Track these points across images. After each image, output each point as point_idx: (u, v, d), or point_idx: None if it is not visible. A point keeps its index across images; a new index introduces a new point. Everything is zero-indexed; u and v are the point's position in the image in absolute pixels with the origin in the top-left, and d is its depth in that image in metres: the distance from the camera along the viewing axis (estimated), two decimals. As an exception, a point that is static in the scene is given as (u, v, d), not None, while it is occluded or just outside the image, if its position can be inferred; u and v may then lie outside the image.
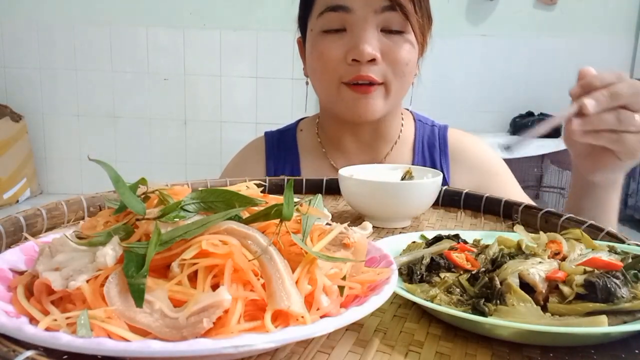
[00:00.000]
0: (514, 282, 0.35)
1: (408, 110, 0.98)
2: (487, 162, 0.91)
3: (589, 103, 0.56)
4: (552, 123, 0.58)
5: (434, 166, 0.91)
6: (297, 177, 0.79)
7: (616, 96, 0.56)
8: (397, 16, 0.75)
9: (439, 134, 0.94)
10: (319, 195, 0.41)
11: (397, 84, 0.79)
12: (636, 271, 0.35)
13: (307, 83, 0.91)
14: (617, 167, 0.66)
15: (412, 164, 0.90)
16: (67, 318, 0.26)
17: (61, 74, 2.87)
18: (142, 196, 0.36)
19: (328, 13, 0.76)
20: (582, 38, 2.73)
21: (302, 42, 0.89)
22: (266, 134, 0.99)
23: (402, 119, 0.93)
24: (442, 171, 0.90)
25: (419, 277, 0.39)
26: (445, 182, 0.89)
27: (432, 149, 0.93)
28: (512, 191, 0.88)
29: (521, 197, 0.88)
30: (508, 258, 0.39)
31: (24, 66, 2.85)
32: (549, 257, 0.39)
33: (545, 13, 2.74)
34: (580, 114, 0.57)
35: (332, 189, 0.78)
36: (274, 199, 0.37)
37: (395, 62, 0.77)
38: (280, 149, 0.96)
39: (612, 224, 0.72)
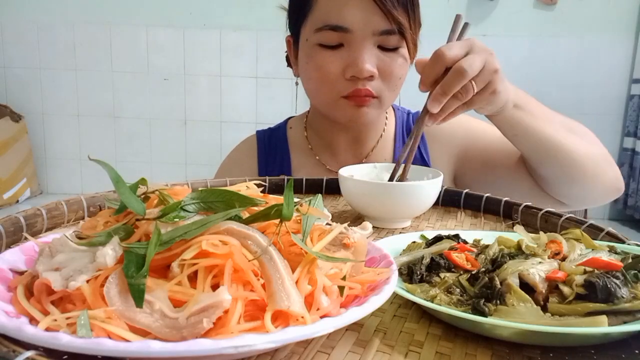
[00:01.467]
0: (514, 282, 0.35)
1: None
2: (460, 126, 0.94)
3: (431, 107, 0.63)
4: (418, 134, 0.66)
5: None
6: (297, 177, 0.79)
7: (448, 87, 0.62)
8: (393, 37, 0.78)
9: (413, 120, 0.98)
10: (319, 195, 0.41)
11: (389, 96, 0.83)
12: (636, 271, 0.35)
13: (296, 83, 0.92)
14: (488, 109, 0.70)
15: (393, 153, 0.95)
16: (67, 318, 0.26)
17: (61, 74, 2.86)
18: (142, 196, 0.36)
19: (327, 31, 0.77)
20: (582, 38, 2.73)
21: (292, 42, 0.90)
22: (257, 132, 1.02)
23: (386, 114, 0.97)
24: (421, 152, 0.93)
25: (419, 277, 0.39)
26: (425, 162, 0.92)
27: (409, 133, 0.95)
28: (494, 136, 0.90)
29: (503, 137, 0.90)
30: (508, 258, 0.39)
31: (24, 66, 2.85)
32: (549, 257, 0.39)
33: (545, 13, 2.74)
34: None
35: (332, 189, 0.78)
36: (274, 199, 0.37)
37: (390, 77, 0.80)
38: (272, 147, 0.98)
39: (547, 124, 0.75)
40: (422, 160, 0.92)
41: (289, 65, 0.95)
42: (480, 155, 0.91)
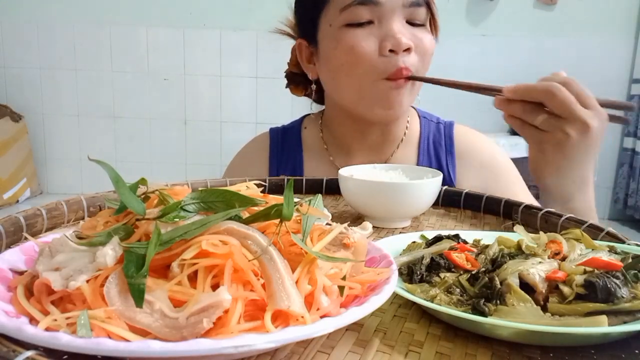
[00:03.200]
0: (514, 282, 0.35)
1: (412, 107, 0.95)
2: (493, 161, 0.90)
3: (506, 88, 0.64)
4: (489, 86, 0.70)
5: (439, 165, 0.90)
6: (297, 177, 0.79)
7: (527, 91, 0.63)
8: (422, 10, 0.76)
9: (444, 132, 0.92)
10: (319, 195, 0.40)
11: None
12: (636, 271, 0.35)
13: (312, 87, 0.88)
14: (547, 165, 0.67)
15: (417, 164, 0.89)
16: (67, 318, 0.26)
17: (61, 74, 2.87)
18: (142, 196, 0.36)
19: (356, 7, 0.74)
20: (582, 38, 2.73)
21: (304, 45, 0.85)
22: (271, 130, 0.98)
23: (408, 116, 0.92)
24: (448, 170, 0.89)
25: (419, 277, 0.39)
26: (450, 181, 0.88)
27: (437, 147, 0.91)
28: (518, 192, 0.87)
29: (526, 197, 0.86)
30: (508, 258, 0.39)
31: (24, 66, 2.85)
32: (549, 257, 0.39)
33: (545, 13, 2.74)
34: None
35: (332, 189, 0.78)
36: (274, 199, 0.37)
37: (424, 53, 0.77)
38: (284, 147, 0.94)
39: None
40: (448, 176, 0.88)
41: (289, 84, 0.91)
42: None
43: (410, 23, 0.76)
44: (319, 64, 0.83)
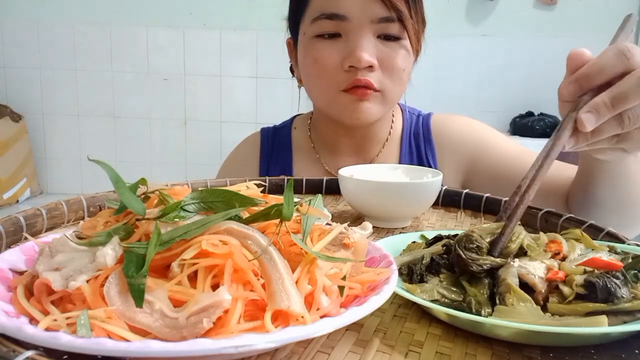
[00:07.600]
0: (514, 282, 0.35)
1: (398, 104, 0.97)
2: (471, 134, 0.89)
3: (587, 120, 0.43)
4: (548, 160, 0.44)
5: (419, 156, 0.91)
6: (297, 177, 0.79)
7: (623, 99, 0.43)
8: (394, 24, 0.75)
9: (422, 123, 0.93)
10: (319, 195, 0.41)
11: (393, 91, 0.79)
12: (636, 271, 0.35)
13: (299, 87, 0.90)
14: (625, 156, 0.55)
15: (399, 158, 0.91)
16: (67, 318, 0.26)
17: (61, 74, 2.86)
18: (142, 196, 0.36)
19: (324, 20, 0.76)
20: (582, 38, 2.72)
21: (292, 44, 0.88)
22: (262, 130, 1.00)
23: (393, 115, 0.93)
24: (428, 159, 0.90)
25: (419, 277, 0.39)
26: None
27: (417, 139, 0.92)
28: (507, 150, 0.85)
29: (518, 151, 0.84)
30: (508, 258, 0.39)
31: (24, 66, 2.85)
32: (549, 258, 0.39)
33: (545, 13, 2.74)
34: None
35: (332, 189, 0.78)
36: (274, 199, 0.37)
37: (391, 69, 0.77)
38: (275, 147, 0.96)
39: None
40: (428, 166, 0.89)
41: (293, 74, 0.92)
42: (490, 169, 0.85)
43: (384, 37, 0.76)
44: (298, 67, 0.86)
